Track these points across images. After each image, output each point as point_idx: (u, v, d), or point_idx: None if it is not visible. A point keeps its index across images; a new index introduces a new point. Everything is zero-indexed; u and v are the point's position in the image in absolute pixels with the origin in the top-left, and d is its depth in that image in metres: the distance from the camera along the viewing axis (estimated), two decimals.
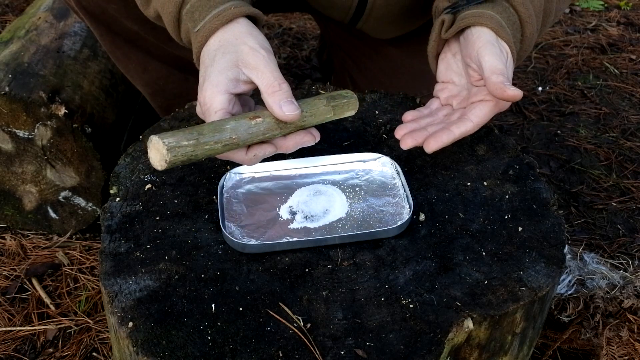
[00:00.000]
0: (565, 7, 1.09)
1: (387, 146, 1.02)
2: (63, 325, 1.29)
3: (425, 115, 0.97)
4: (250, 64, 0.83)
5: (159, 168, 0.74)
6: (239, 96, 0.86)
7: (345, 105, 0.90)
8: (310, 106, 0.86)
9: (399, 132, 0.93)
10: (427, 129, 0.93)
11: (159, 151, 0.73)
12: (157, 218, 0.88)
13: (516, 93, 0.82)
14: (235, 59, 0.83)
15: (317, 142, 0.87)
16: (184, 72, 1.35)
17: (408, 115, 0.97)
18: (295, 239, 0.84)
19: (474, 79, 0.91)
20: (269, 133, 0.81)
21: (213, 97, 0.82)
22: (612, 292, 1.18)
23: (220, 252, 0.84)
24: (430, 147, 0.89)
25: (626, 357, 1.15)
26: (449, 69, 0.97)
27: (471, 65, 0.90)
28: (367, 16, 1.25)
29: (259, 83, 0.83)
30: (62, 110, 1.33)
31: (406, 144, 0.91)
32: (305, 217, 0.88)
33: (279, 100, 0.81)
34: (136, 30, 1.24)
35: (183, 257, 0.83)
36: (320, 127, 1.06)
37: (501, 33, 0.89)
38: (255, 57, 0.83)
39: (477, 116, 0.90)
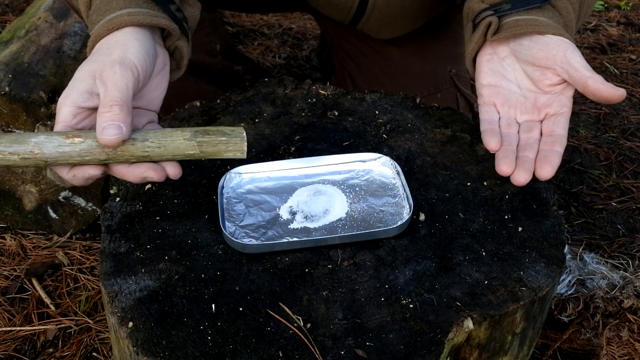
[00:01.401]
0: (590, 11, 1.07)
1: (387, 146, 1.02)
2: (63, 325, 1.29)
3: (503, 137, 0.90)
4: (103, 77, 0.76)
5: None
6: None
7: (221, 145, 0.76)
8: (163, 137, 0.75)
9: (503, 170, 0.85)
10: (527, 155, 0.87)
11: None
12: (157, 218, 0.88)
13: (624, 92, 0.80)
14: (93, 69, 0.77)
15: (171, 177, 0.78)
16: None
17: (493, 144, 0.88)
18: (295, 239, 0.84)
19: (547, 85, 0.89)
20: (89, 156, 0.73)
21: (60, 108, 0.76)
22: (612, 292, 1.18)
23: (220, 252, 0.84)
24: (547, 173, 0.83)
25: (626, 357, 1.15)
26: (497, 72, 0.93)
27: (553, 69, 0.87)
28: (368, 17, 1.25)
29: (102, 97, 0.75)
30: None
31: (522, 181, 0.84)
32: (305, 217, 0.88)
33: (104, 121, 0.72)
34: None
35: (183, 257, 0.83)
36: (320, 127, 1.06)
37: (565, 35, 0.88)
38: (109, 71, 0.76)
39: (565, 129, 0.87)
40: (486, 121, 0.92)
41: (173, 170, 0.78)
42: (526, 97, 0.91)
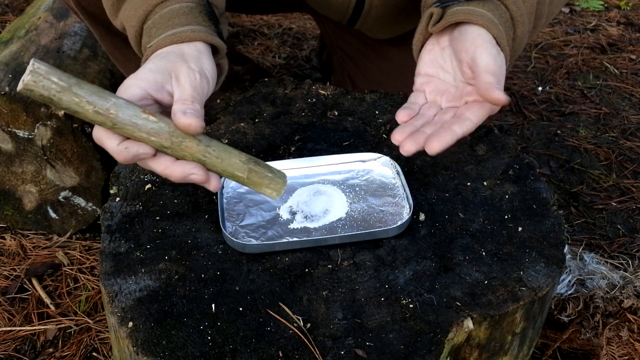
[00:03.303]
0: (557, 11, 1.07)
1: (387, 146, 1.02)
2: (63, 325, 1.29)
3: (417, 115, 0.91)
4: (180, 79, 0.78)
5: (18, 88, 0.67)
6: (159, 106, 0.79)
7: (266, 180, 0.79)
8: (223, 150, 0.77)
9: (396, 137, 0.86)
10: (424, 130, 0.87)
11: (27, 71, 0.66)
12: (157, 218, 0.88)
13: (501, 97, 0.79)
14: (170, 67, 0.79)
15: (211, 188, 0.77)
16: None
17: (402, 115, 0.90)
18: (295, 239, 0.84)
19: (467, 77, 0.89)
20: (154, 137, 0.73)
21: (128, 88, 0.76)
22: (612, 292, 1.18)
23: (220, 252, 0.84)
24: (433, 148, 0.82)
25: (626, 357, 1.15)
26: (435, 62, 0.94)
27: (466, 62, 0.88)
28: (365, 17, 1.25)
29: (175, 95, 0.77)
30: (62, 111, 1.33)
31: (407, 150, 0.84)
32: (305, 217, 0.88)
33: (187, 108, 0.74)
34: None
35: (183, 257, 0.83)
36: (320, 127, 1.06)
37: (493, 30, 0.87)
38: (188, 76, 0.79)
39: (476, 115, 0.86)
40: (409, 101, 0.92)
41: (216, 184, 0.78)
42: (457, 87, 0.91)
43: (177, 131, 0.73)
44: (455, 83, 0.92)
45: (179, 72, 0.79)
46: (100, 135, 0.75)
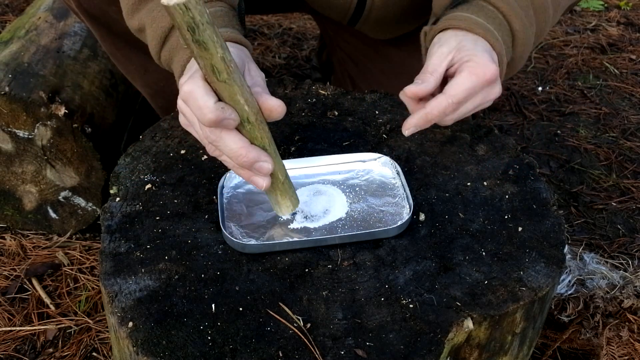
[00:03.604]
0: (565, 4, 1.07)
1: (387, 146, 1.02)
2: (63, 325, 1.29)
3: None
4: (252, 70, 0.81)
5: (170, 1, 0.64)
6: None
7: (291, 191, 0.86)
8: (276, 151, 0.81)
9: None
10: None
11: None
12: (157, 218, 0.88)
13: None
14: (243, 58, 0.83)
15: (264, 184, 0.80)
16: None
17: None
18: (295, 239, 0.84)
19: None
20: (248, 107, 0.74)
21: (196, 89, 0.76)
22: (612, 292, 1.18)
23: (220, 252, 0.84)
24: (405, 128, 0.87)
25: (626, 357, 1.15)
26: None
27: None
28: (366, 17, 1.25)
29: (251, 81, 0.79)
30: (62, 110, 1.33)
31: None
32: (305, 217, 0.88)
33: (269, 93, 0.78)
34: None
35: (183, 257, 0.83)
36: (320, 127, 1.06)
37: (476, 30, 0.87)
38: (257, 69, 0.82)
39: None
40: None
41: (268, 182, 0.80)
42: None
43: (260, 112, 0.76)
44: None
45: (250, 64, 0.82)
46: (198, 89, 0.73)
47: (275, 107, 0.76)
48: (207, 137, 0.77)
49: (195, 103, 0.73)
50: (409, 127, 0.87)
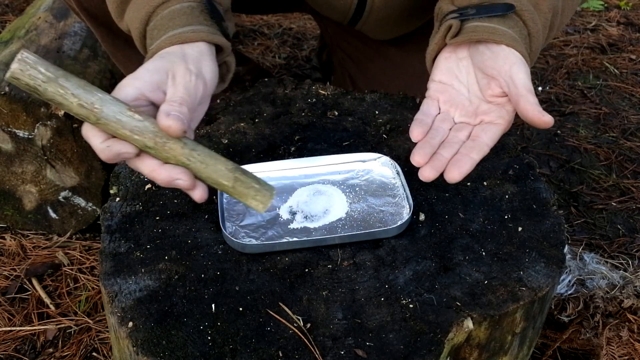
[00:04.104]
0: (567, 21, 1.06)
1: (387, 146, 1.02)
2: (63, 325, 1.29)
3: (432, 129, 0.90)
4: (176, 78, 0.78)
5: (5, 76, 0.67)
6: (153, 107, 0.78)
7: (252, 191, 0.76)
8: (208, 156, 0.75)
9: (416, 159, 0.84)
10: (442, 154, 0.86)
11: (16, 59, 0.66)
12: (157, 218, 0.88)
13: (549, 119, 0.79)
14: (168, 67, 0.79)
15: (196, 197, 0.76)
16: None
17: (417, 134, 0.87)
18: (295, 239, 0.84)
19: (490, 95, 0.88)
20: (138, 136, 0.72)
21: (123, 87, 0.76)
22: (612, 292, 1.18)
23: (220, 252, 0.84)
24: (453, 177, 0.82)
25: (626, 357, 1.15)
26: (451, 71, 0.93)
27: (500, 80, 0.87)
28: (366, 18, 1.25)
29: (167, 95, 0.76)
30: (62, 111, 1.33)
31: (427, 177, 0.83)
32: (305, 217, 0.88)
33: (171, 109, 0.73)
34: None
35: (183, 257, 0.83)
36: (320, 127, 1.06)
37: (519, 48, 0.87)
38: (185, 76, 0.78)
39: (492, 139, 0.86)
40: (422, 112, 0.91)
41: (201, 193, 0.76)
42: (471, 101, 0.91)
43: (161, 132, 0.72)
44: (469, 97, 0.91)
45: (176, 72, 0.79)
46: (87, 132, 0.74)
47: (165, 127, 0.72)
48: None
49: (90, 144, 0.74)
50: (459, 178, 0.83)
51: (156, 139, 0.72)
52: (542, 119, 0.80)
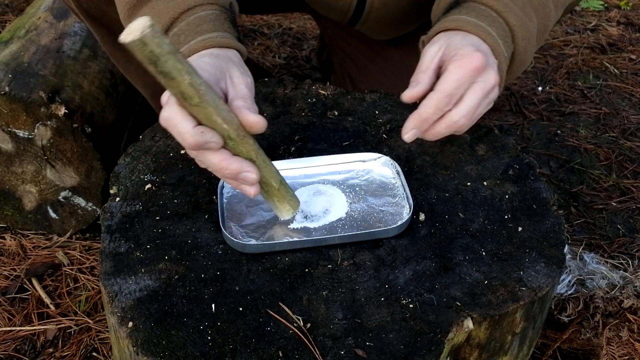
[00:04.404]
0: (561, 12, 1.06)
1: (387, 146, 1.02)
2: (63, 325, 1.29)
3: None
4: (234, 79, 0.81)
5: (126, 38, 0.64)
6: None
7: (288, 195, 0.85)
8: (265, 156, 0.81)
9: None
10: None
11: (142, 26, 0.65)
12: (157, 218, 0.88)
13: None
14: (224, 67, 0.81)
15: (252, 192, 0.80)
16: None
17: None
18: (295, 239, 0.84)
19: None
20: (227, 125, 0.74)
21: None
22: (612, 292, 1.18)
23: (220, 252, 0.84)
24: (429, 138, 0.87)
25: (626, 357, 1.15)
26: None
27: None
28: (365, 18, 1.25)
29: (230, 94, 0.79)
30: (62, 110, 1.33)
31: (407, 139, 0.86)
32: (305, 217, 0.88)
33: (249, 106, 0.77)
34: None
35: (183, 257, 0.83)
36: (320, 127, 1.06)
37: (466, 27, 0.88)
38: (240, 77, 0.81)
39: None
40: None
41: (257, 189, 0.80)
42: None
43: (241, 126, 0.75)
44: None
45: (232, 72, 0.81)
46: (175, 115, 0.73)
47: (254, 123, 0.76)
48: (190, 153, 0.79)
49: (175, 129, 0.74)
50: (407, 130, 0.85)
51: (238, 131, 0.75)
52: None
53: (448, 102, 0.83)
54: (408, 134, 0.85)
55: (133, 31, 0.64)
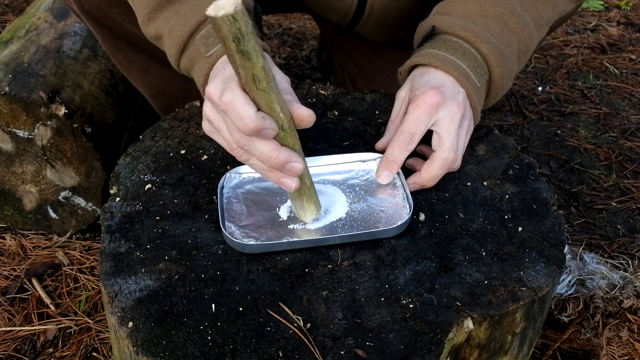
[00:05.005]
0: (547, 10, 1.07)
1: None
2: (63, 325, 1.29)
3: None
4: (276, 76, 0.81)
5: (217, 12, 0.64)
6: None
7: (315, 197, 0.87)
8: (304, 157, 0.83)
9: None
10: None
11: (233, 2, 0.65)
12: (157, 218, 0.88)
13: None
14: None
15: (293, 185, 0.81)
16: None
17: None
18: (295, 239, 0.84)
19: None
20: (283, 114, 0.76)
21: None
22: (612, 292, 1.18)
23: (220, 252, 0.84)
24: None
25: (626, 357, 1.15)
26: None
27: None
28: (365, 20, 1.25)
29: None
30: (62, 110, 1.33)
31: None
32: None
33: (298, 101, 0.79)
34: (138, 33, 1.24)
35: (183, 257, 0.83)
36: (320, 127, 1.06)
37: (434, 63, 0.93)
38: (279, 73, 0.84)
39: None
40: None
41: (298, 183, 0.81)
42: None
43: (291, 119, 0.77)
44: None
45: (273, 69, 0.82)
46: (239, 99, 0.74)
47: (306, 116, 0.77)
48: (237, 141, 0.78)
49: (236, 113, 0.74)
50: (379, 173, 0.92)
51: (290, 123, 0.77)
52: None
53: (409, 141, 0.90)
54: (380, 176, 0.92)
55: (222, 7, 0.64)
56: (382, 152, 0.95)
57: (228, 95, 0.74)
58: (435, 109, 0.89)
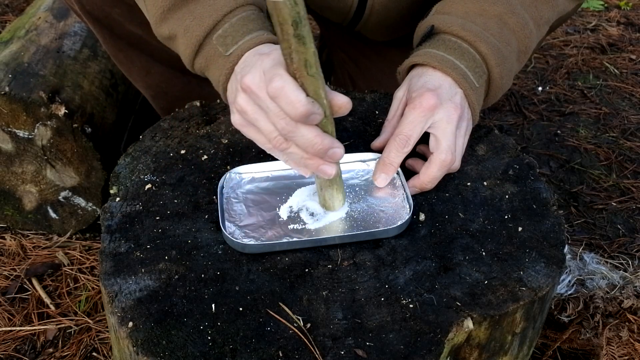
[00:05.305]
0: (546, 9, 1.07)
1: None
2: (63, 325, 1.29)
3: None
4: None
5: None
6: None
7: (342, 188, 0.89)
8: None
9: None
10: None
11: None
12: (157, 218, 0.88)
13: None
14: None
15: (332, 172, 0.81)
16: (187, 75, 1.35)
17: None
18: (295, 239, 0.84)
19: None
20: (325, 101, 0.77)
21: (284, 82, 0.76)
22: (612, 292, 1.18)
23: (220, 252, 0.84)
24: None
25: (626, 357, 1.15)
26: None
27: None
28: (366, 20, 1.25)
29: None
30: (62, 110, 1.33)
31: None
32: (305, 217, 0.88)
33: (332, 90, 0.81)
34: (139, 34, 1.24)
35: (183, 257, 0.83)
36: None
37: (432, 63, 0.93)
38: None
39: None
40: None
41: (337, 169, 0.82)
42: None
43: (330, 107, 0.78)
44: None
45: None
46: (290, 85, 0.74)
47: (344, 103, 0.79)
48: (282, 128, 0.78)
49: (287, 98, 0.75)
50: (376, 176, 0.92)
51: (328, 110, 0.78)
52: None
53: (405, 144, 0.90)
54: (378, 179, 0.92)
55: None
56: (378, 151, 0.95)
57: (278, 82, 0.75)
58: (432, 112, 0.90)
